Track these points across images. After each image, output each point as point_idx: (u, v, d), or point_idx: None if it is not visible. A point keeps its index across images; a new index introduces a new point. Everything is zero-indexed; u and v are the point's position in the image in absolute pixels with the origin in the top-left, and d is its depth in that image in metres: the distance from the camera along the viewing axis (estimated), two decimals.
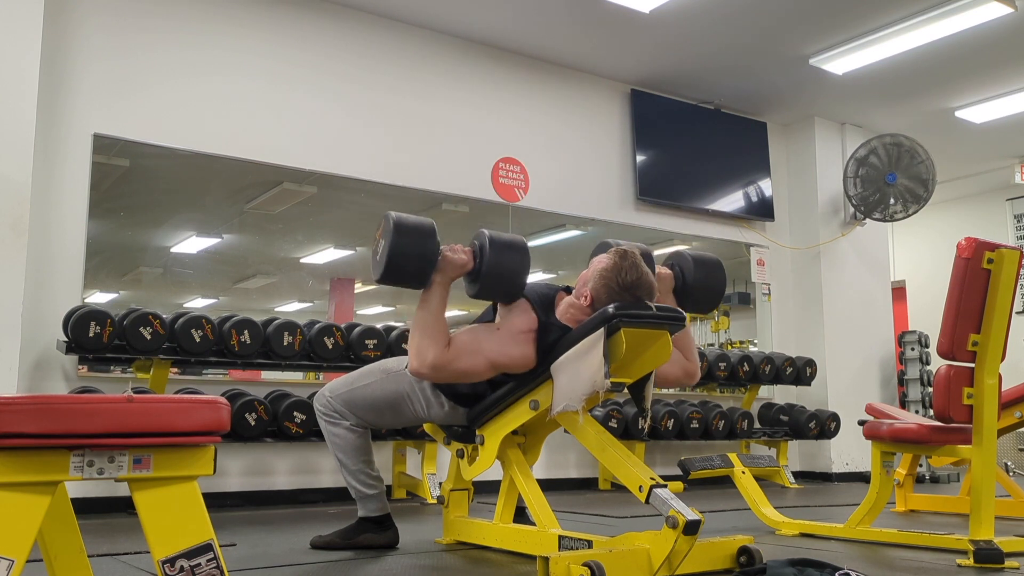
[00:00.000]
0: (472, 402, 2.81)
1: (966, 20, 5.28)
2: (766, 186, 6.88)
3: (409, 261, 2.60)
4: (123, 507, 3.98)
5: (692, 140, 6.56)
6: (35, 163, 3.98)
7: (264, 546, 2.99)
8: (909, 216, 6.81)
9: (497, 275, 2.66)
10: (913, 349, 7.19)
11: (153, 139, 4.53)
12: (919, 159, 6.65)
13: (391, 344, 4.52)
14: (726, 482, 3.71)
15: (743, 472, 3.58)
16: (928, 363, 7.17)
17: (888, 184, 6.62)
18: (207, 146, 4.68)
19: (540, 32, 5.57)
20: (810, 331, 6.93)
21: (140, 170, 4.69)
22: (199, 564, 1.50)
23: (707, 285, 3.00)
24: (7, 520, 1.40)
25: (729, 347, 7.40)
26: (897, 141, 6.63)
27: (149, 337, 3.93)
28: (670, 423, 5.44)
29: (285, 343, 4.27)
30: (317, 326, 4.40)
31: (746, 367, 5.86)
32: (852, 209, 6.99)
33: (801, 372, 6.20)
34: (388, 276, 2.61)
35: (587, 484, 5.62)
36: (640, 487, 2.32)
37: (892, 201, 6.69)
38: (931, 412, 6.22)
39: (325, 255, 5.60)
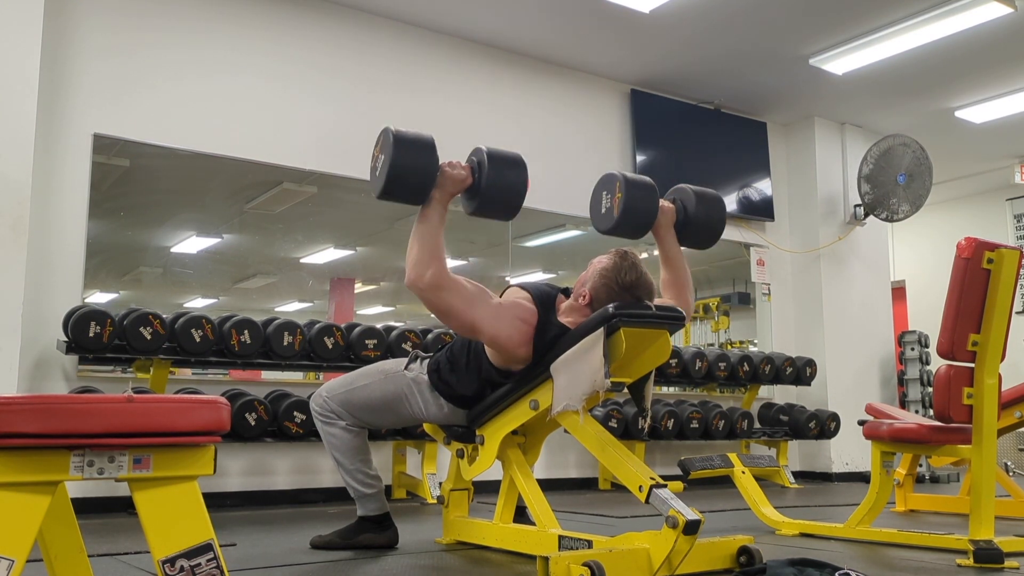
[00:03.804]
0: (470, 404, 2.81)
1: (966, 20, 5.28)
2: (766, 186, 6.88)
3: (410, 175, 2.54)
4: (123, 507, 3.98)
5: (692, 140, 6.57)
6: (35, 163, 3.97)
7: (264, 546, 2.99)
8: (907, 217, 6.82)
9: (497, 190, 2.63)
10: (913, 349, 7.19)
11: (153, 139, 4.53)
12: (921, 160, 6.69)
13: (391, 344, 4.52)
14: (726, 482, 3.71)
15: (743, 472, 3.58)
16: (928, 363, 7.17)
17: (897, 184, 6.64)
18: (207, 146, 4.68)
19: (540, 32, 5.57)
20: (810, 331, 6.93)
21: (140, 170, 4.70)
22: (199, 564, 1.50)
23: (708, 220, 3.01)
24: (7, 520, 1.40)
25: (729, 347, 7.41)
26: (904, 142, 6.67)
27: (149, 337, 3.93)
28: (670, 423, 5.44)
29: (285, 343, 4.27)
30: (317, 326, 4.40)
31: (746, 367, 5.86)
32: (853, 209, 7.00)
33: (801, 372, 6.20)
34: (388, 191, 2.56)
35: (587, 484, 5.62)
36: (640, 487, 2.32)
37: (898, 201, 6.71)
38: (931, 412, 6.22)
39: (325, 255, 5.60)
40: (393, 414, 2.91)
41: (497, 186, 2.62)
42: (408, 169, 2.54)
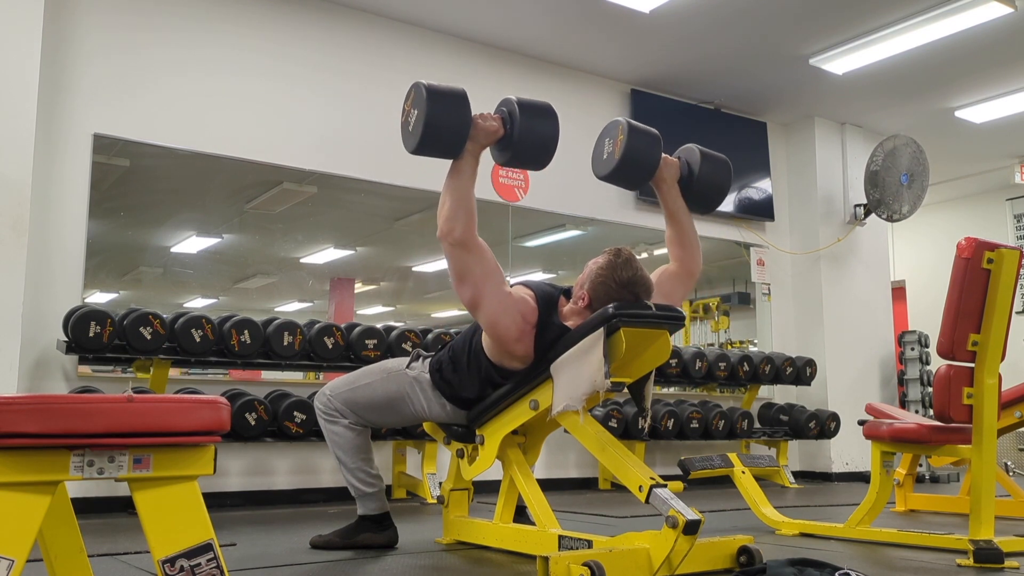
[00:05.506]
0: (471, 405, 2.81)
1: (966, 20, 5.28)
2: (766, 186, 6.88)
3: (444, 129, 2.51)
4: (123, 507, 3.98)
5: (692, 140, 6.44)
6: (35, 163, 3.97)
7: (264, 546, 2.99)
8: (907, 216, 6.83)
9: (529, 141, 2.61)
10: (913, 349, 7.19)
11: (153, 139, 4.53)
12: (920, 160, 6.70)
13: (391, 344, 4.52)
14: (726, 482, 3.71)
15: (743, 472, 3.58)
16: (928, 363, 7.17)
17: (900, 184, 6.66)
18: (207, 146, 4.68)
19: (540, 32, 5.57)
20: (810, 331, 6.93)
21: (140, 170, 4.70)
22: (199, 564, 1.50)
23: (712, 181, 2.97)
24: (7, 520, 1.40)
25: (729, 347, 7.41)
26: (906, 142, 6.68)
27: (149, 337, 3.93)
28: (670, 423, 5.44)
29: (285, 343, 4.27)
30: (317, 326, 4.40)
31: (746, 367, 5.86)
32: (853, 208, 7.01)
33: (801, 372, 6.20)
34: (424, 146, 2.53)
35: (587, 484, 5.62)
36: (640, 487, 2.32)
37: (900, 201, 6.72)
38: (931, 412, 6.22)
39: (325, 255, 5.61)
40: (396, 413, 2.92)
41: (529, 136, 2.61)
42: (443, 123, 2.51)
